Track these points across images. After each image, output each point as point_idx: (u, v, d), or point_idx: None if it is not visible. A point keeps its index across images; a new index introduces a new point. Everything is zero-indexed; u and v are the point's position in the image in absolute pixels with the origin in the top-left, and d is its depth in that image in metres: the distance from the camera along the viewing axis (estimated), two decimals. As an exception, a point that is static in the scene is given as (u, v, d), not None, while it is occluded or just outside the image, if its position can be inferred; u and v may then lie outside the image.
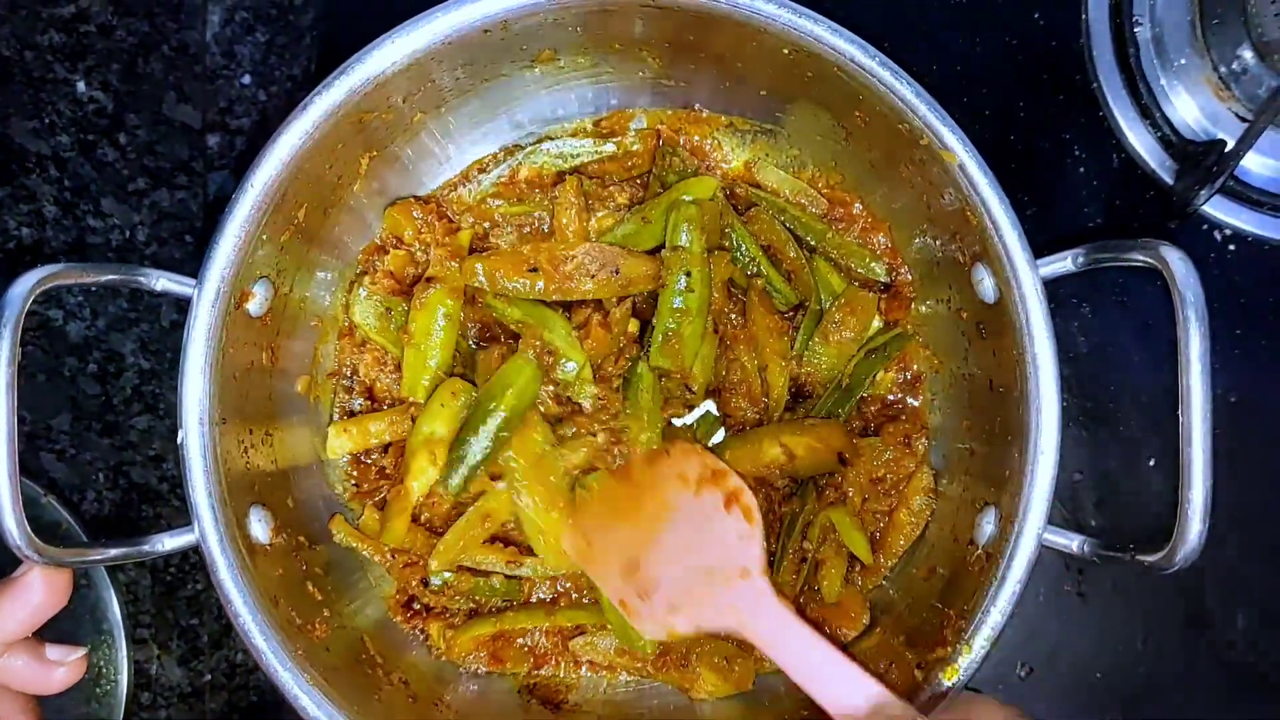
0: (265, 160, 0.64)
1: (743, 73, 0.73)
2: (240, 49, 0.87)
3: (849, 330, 0.77)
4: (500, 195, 0.79)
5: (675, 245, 0.74)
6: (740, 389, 0.77)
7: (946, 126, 0.63)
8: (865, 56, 0.63)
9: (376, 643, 0.74)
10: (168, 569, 0.85)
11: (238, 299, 0.66)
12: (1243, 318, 0.82)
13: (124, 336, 0.86)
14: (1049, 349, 0.63)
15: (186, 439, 0.63)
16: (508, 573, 0.75)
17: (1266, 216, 0.81)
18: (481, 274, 0.74)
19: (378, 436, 0.77)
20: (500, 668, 0.77)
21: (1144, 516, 0.81)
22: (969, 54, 0.84)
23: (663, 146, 0.79)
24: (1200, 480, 0.56)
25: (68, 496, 0.84)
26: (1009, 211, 0.63)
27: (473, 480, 0.73)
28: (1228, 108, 0.81)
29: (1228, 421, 0.80)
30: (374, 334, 0.77)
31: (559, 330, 0.73)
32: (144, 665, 0.85)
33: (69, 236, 0.86)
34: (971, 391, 0.73)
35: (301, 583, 0.70)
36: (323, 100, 0.64)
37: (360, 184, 0.74)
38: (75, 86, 0.87)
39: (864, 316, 0.77)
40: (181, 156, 0.87)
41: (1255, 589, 0.81)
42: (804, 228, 0.78)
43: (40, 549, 0.58)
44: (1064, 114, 0.83)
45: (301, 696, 0.63)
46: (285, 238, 0.69)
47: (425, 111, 0.73)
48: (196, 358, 0.63)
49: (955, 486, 0.74)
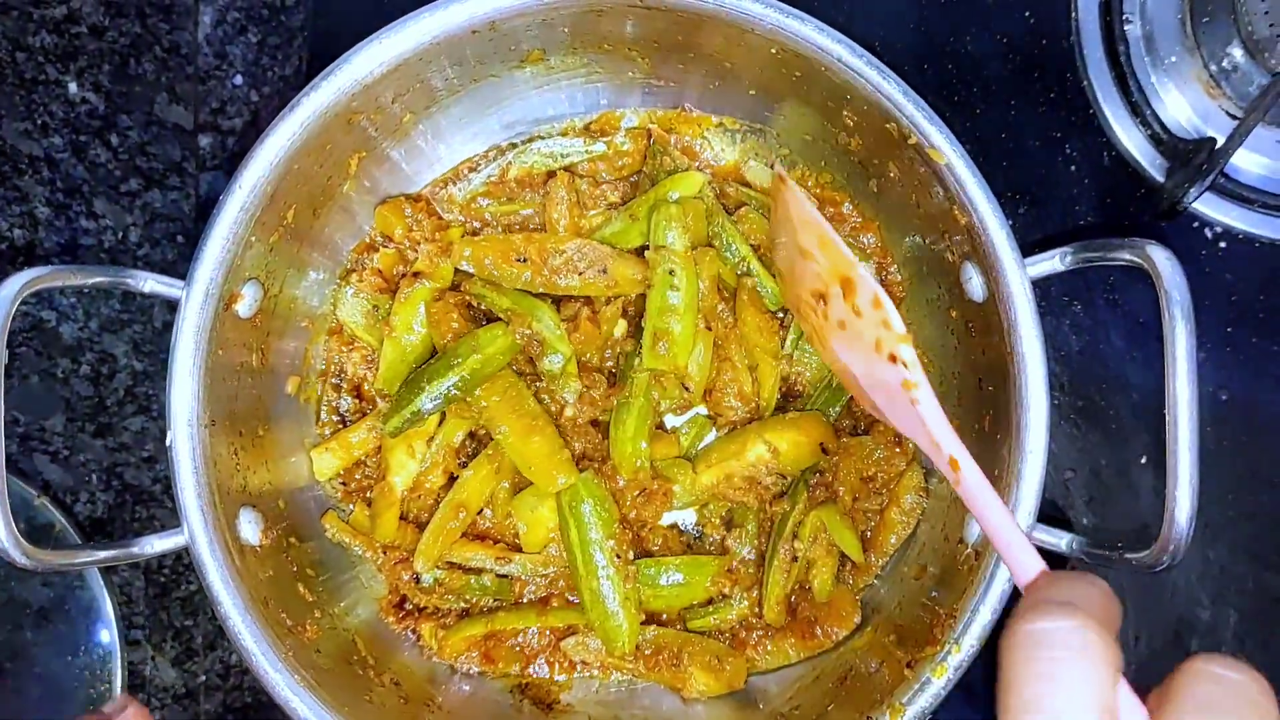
0: (253, 161, 0.64)
1: (732, 72, 0.73)
2: (232, 50, 0.87)
3: None
4: (490, 194, 0.79)
5: (659, 245, 0.74)
6: (731, 388, 0.77)
7: (934, 126, 0.63)
8: (853, 56, 0.63)
9: (368, 644, 0.74)
10: (161, 570, 0.85)
11: (227, 300, 0.66)
12: (1233, 315, 0.82)
13: (117, 338, 0.86)
14: (1037, 348, 0.63)
15: (175, 441, 0.63)
16: (498, 570, 0.76)
17: (1257, 214, 0.81)
18: (468, 256, 0.74)
19: (360, 448, 0.77)
20: (492, 668, 0.77)
21: (1135, 515, 0.81)
22: (959, 52, 0.84)
23: (653, 146, 0.79)
24: (1186, 479, 0.56)
25: (61, 498, 0.84)
26: (996, 211, 0.63)
27: (414, 424, 0.73)
28: (1218, 105, 0.81)
29: (1219, 419, 0.81)
30: (361, 332, 0.77)
31: (547, 321, 0.73)
32: (138, 667, 0.85)
33: (61, 238, 0.86)
34: (961, 390, 0.73)
35: (292, 584, 0.70)
36: (311, 101, 0.64)
37: (350, 184, 0.74)
38: (67, 87, 0.87)
39: None
40: (174, 157, 0.87)
41: (1246, 588, 0.81)
42: None
43: (28, 551, 0.58)
44: (1054, 112, 0.83)
45: (292, 699, 0.63)
46: (274, 238, 0.69)
47: (415, 112, 0.73)
48: (185, 360, 0.63)
49: (946, 485, 0.74)
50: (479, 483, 0.74)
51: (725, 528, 0.79)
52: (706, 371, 0.76)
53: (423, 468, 0.75)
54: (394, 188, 0.79)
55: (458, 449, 0.76)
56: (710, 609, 0.77)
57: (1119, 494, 0.82)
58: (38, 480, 0.84)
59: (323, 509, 0.78)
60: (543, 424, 0.73)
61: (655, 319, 0.74)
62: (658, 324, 0.74)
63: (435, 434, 0.76)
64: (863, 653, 0.73)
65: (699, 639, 0.77)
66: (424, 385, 0.72)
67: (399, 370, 0.75)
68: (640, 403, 0.75)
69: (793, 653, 0.76)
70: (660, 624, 0.77)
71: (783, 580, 0.75)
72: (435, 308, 0.74)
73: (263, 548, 0.68)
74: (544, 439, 0.73)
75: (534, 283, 0.74)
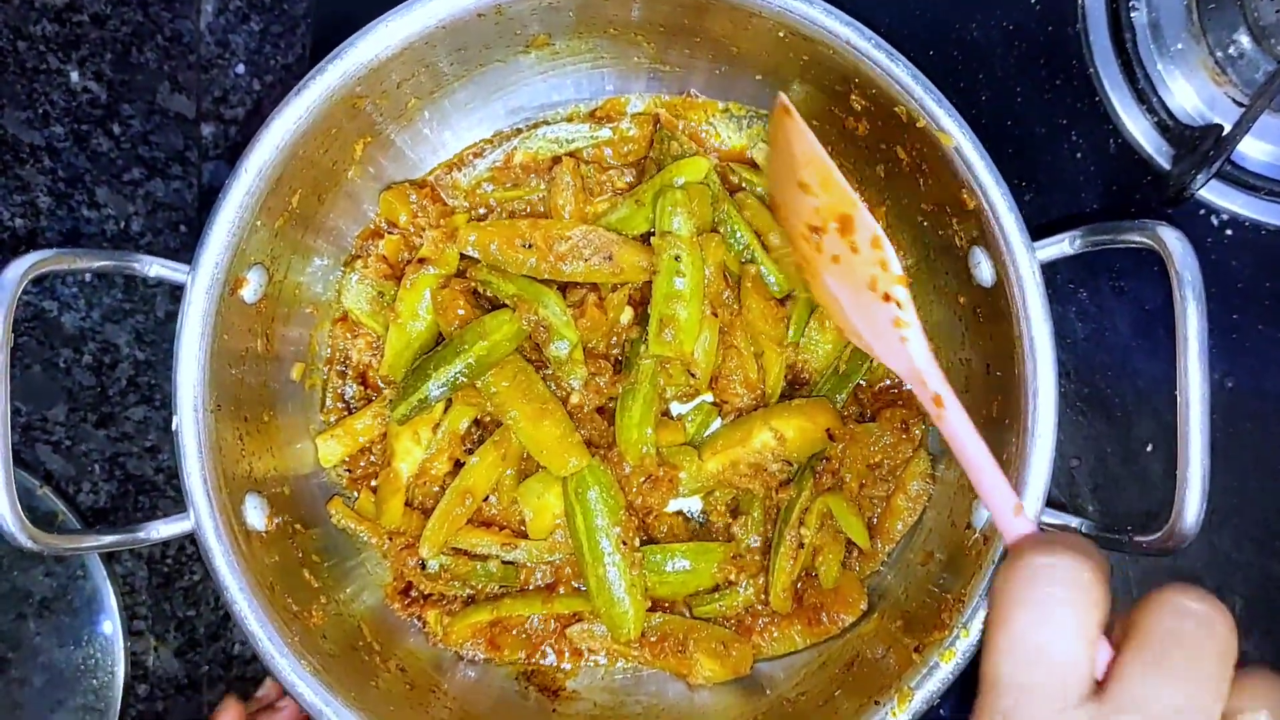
0: (259, 145, 0.64)
1: (738, 57, 0.72)
2: (234, 38, 0.87)
3: None
4: (495, 180, 0.79)
5: (664, 230, 0.74)
6: (737, 375, 0.77)
7: (943, 109, 0.63)
8: (860, 39, 0.63)
9: (374, 630, 0.73)
10: (164, 560, 0.85)
11: (232, 285, 0.66)
12: (1239, 303, 0.81)
13: (119, 327, 0.85)
14: (1046, 332, 0.62)
15: (181, 426, 0.63)
16: (504, 556, 0.75)
17: (1263, 201, 0.81)
18: (473, 242, 0.73)
19: (365, 434, 0.77)
20: (497, 655, 0.76)
21: (1141, 502, 0.81)
22: (965, 39, 0.84)
23: (660, 131, 0.78)
24: (1198, 459, 0.56)
25: (64, 488, 0.84)
26: (1006, 194, 0.63)
27: (421, 412, 0.73)
28: (1224, 92, 0.81)
29: (1224, 407, 0.80)
30: (366, 318, 0.77)
31: (554, 307, 0.73)
32: (140, 657, 0.84)
33: (63, 227, 0.86)
34: (969, 376, 0.73)
35: (298, 570, 0.70)
36: (317, 85, 0.64)
37: (355, 169, 0.74)
38: (69, 76, 0.86)
39: None
40: (176, 146, 0.86)
41: (1250, 576, 0.81)
42: None
43: (33, 535, 0.58)
44: (1060, 99, 0.83)
45: (298, 683, 0.63)
46: (279, 223, 0.68)
47: (420, 97, 0.72)
48: (191, 344, 0.63)
49: (953, 471, 0.74)
50: (486, 469, 0.74)
51: (731, 515, 0.78)
52: (712, 358, 0.76)
53: (428, 454, 0.75)
54: (399, 173, 0.78)
55: (463, 436, 0.76)
56: (716, 596, 0.77)
57: (1125, 482, 0.82)
58: (40, 470, 0.84)
59: (328, 495, 0.77)
60: (553, 408, 0.73)
61: (661, 305, 0.73)
62: (663, 310, 0.73)
63: (441, 420, 0.75)
64: (870, 639, 0.73)
65: (705, 626, 0.76)
66: (431, 372, 0.72)
67: (404, 357, 0.75)
68: (646, 390, 0.74)
69: (799, 639, 0.76)
70: (666, 611, 0.77)
71: (788, 567, 0.75)
72: (441, 294, 0.74)
73: (268, 533, 0.68)
74: (554, 422, 0.73)
75: (539, 269, 0.74)
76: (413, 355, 0.75)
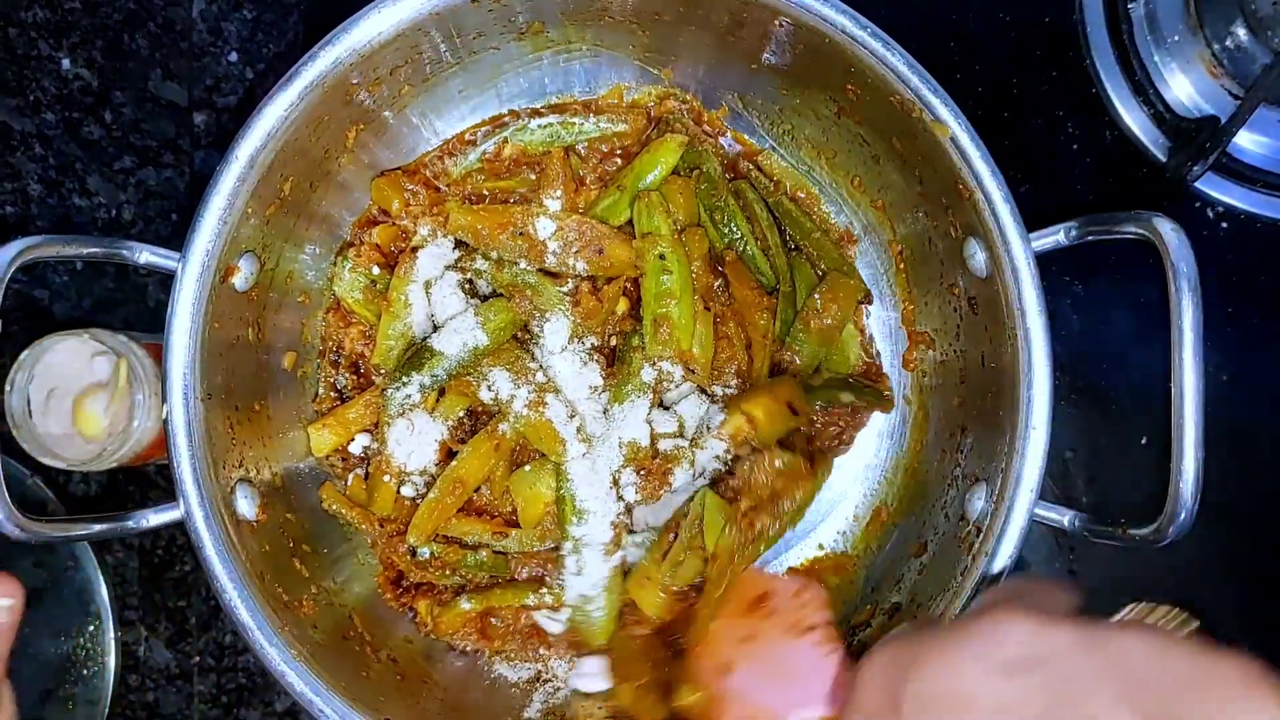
0: (250, 132, 0.63)
1: (733, 47, 0.72)
2: (227, 26, 0.86)
3: (830, 317, 0.76)
4: (486, 171, 0.78)
5: (644, 233, 0.73)
6: (730, 367, 0.77)
7: (938, 98, 0.63)
8: (856, 28, 0.63)
9: (364, 620, 0.73)
10: (155, 551, 0.85)
11: (223, 273, 0.65)
12: (1235, 295, 0.81)
13: (110, 317, 0.85)
14: (1041, 323, 0.62)
15: (172, 413, 0.62)
16: (495, 546, 0.75)
17: (1259, 194, 0.81)
18: (464, 225, 0.73)
19: (358, 424, 0.76)
20: (488, 645, 0.76)
21: (1135, 494, 0.81)
22: (962, 30, 0.83)
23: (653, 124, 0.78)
24: (1192, 451, 0.56)
25: (53, 477, 0.84)
26: (1001, 184, 0.63)
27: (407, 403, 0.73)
28: (1221, 84, 0.81)
29: (1220, 400, 0.80)
30: (358, 307, 0.76)
31: (549, 296, 0.72)
32: (131, 647, 0.84)
33: (54, 214, 0.85)
34: (964, 368, 0.72)
35: (289, 559, 0.70)
36: (309, 71, 0.63)
37: (347, 157, 0.73)
38: (60, 64, 0.86)
39: (846, 303, 0.77)
40: (168, 134, 0.86)
41: (1246, 568, 0.81)
42: (792, 224, 0.79)
43: (22, 523, 0.58)
44: (1057, 91, 0.83)
45: (289, 672, 0.63)
46: (271, 211, 0.68)
47: (414, 84, 0.72)
48: (182, 331, 0.63)
49: (947, 463, 0.74)
50: (478, 459, 0.73)
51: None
52: (710, 353, 0.75)
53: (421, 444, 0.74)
54: (392, 161, 0.78)
55: (456, 426, 0.76)
56: None
57: (1119, 474, 0.82)
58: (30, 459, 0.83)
59: (319, 485, 0.77)
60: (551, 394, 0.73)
61: (654, 305, 0.73)
62: (656, 309, 0.73)
63: (434, 409, 0.75)
64: (869, 636, 0.73)
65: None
66: (424, 361, 0.71)
67: (397, 346, 0.75)
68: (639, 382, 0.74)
69: None
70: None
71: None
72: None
73: (259, 522, 0.67)
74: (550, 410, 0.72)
75: (530, 258, 0.73)
76: (405, 344, 0.74)
